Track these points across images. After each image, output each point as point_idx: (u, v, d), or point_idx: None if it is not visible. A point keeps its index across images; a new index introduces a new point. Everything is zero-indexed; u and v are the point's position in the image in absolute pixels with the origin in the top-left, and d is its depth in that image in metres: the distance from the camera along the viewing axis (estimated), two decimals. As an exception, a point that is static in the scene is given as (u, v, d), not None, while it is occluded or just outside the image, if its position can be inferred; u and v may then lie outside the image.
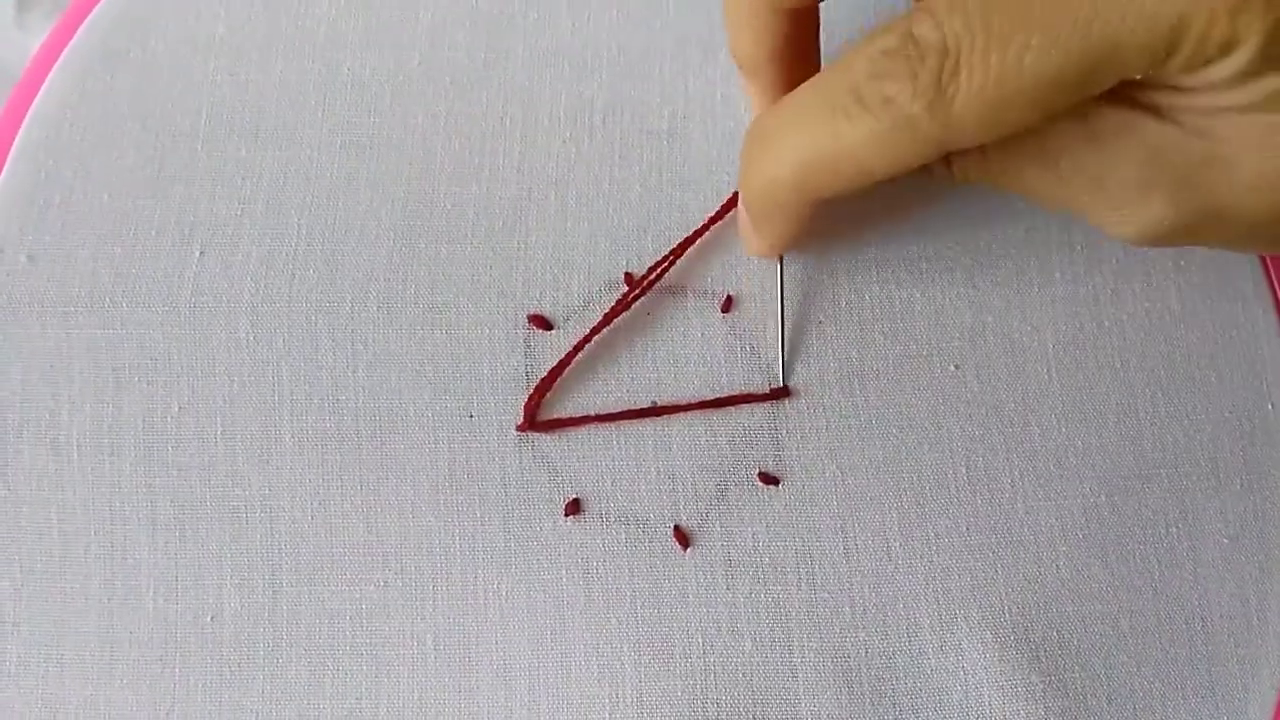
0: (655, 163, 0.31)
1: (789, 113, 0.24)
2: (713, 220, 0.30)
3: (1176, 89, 0.22)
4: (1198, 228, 0.23)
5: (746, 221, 0.28)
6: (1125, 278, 0.30)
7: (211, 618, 0.27)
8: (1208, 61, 0.20)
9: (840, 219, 0.30)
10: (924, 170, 0.25)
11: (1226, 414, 0.29)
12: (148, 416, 0.28)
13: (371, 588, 0.27)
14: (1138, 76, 0.21)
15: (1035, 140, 0.23)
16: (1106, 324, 0.29)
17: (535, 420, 0.28)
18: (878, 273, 0.30)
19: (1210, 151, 0.22)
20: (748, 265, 0.30)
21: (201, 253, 0.29)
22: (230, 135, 0.30)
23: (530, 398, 0.28)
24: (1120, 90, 0.22)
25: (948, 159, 0.24)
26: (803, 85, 0.24)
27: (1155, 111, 0.22)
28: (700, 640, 0.27)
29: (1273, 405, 0.29)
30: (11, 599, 0.27)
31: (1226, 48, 0.20)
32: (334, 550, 0.28)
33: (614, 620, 0.27)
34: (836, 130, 0.22)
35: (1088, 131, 0.23)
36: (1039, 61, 0.20)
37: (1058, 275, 0.30)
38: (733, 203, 0.30)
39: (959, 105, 0.21)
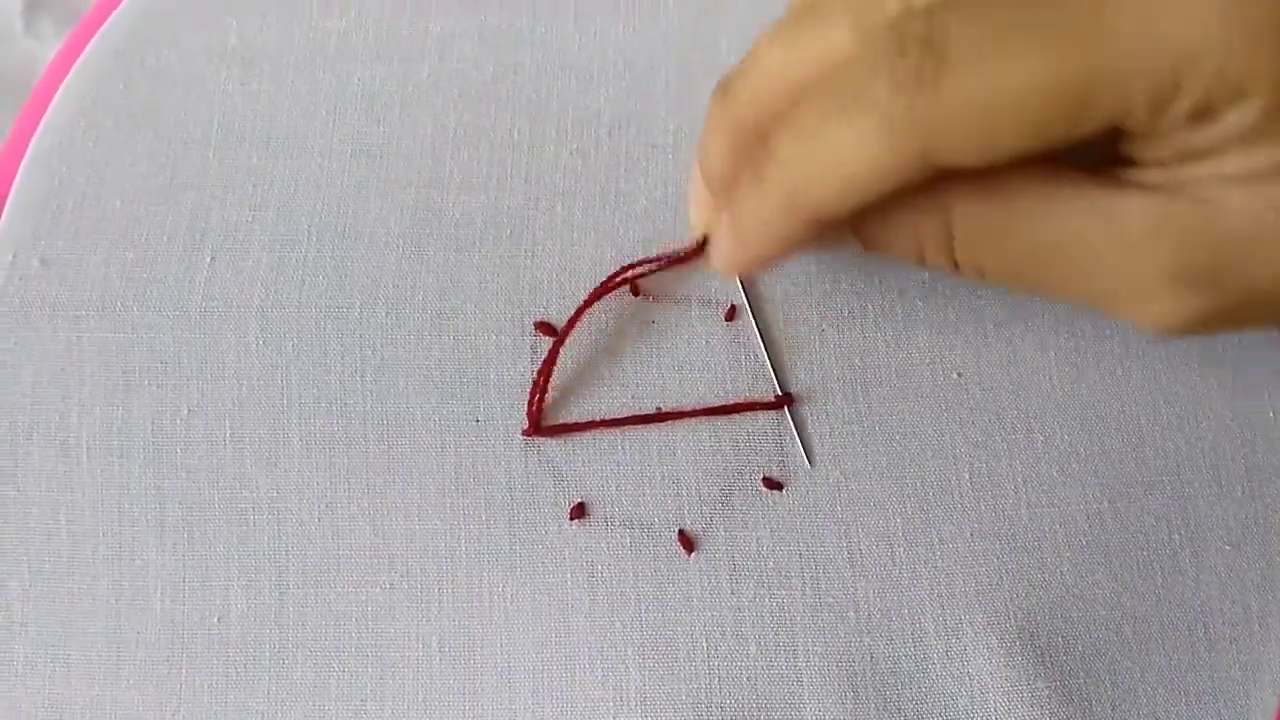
0: (660, 175, 0.31)
1: (786, 128, 0.22)
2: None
3: (1196, 156, 0.20)
4: (1238, 315, 0.21)
5: (726, 238, 0.25)
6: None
7: (218, 619, 0.27)
8: (1215, 110, 0.19)
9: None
10: (918, 261, 0.23)
11: (1228, 421, 0.29)
12: (157, 419, 0.28)
13: (377, 590, 0.27)
14: (1142, 118, 0.20)
15: (1053, 231, 0.21)
16: (1107, 332, 0.30)
17: (540, 425, 0.28)
18: (880, 281, 0.30)
19: (1243, 233, 0.20)
20: (750, 277, 0.30)
21: (212, 258, 0.30)
22: (242, 143, 0.31)
23: (530, 401, 0.28)
24: (1143, 171, 0.21)
25: (949, 247, 0.23)
26: (808, 92, 0.22)
27: (1179, 191, 0.20)
28: (705, 644, 0.27)
29: (1274, 413, 0.29)
30: (20, 599, 0.27)
31: (1236, 94, 0.19)
32: (340, 552, 0.28)
33: (618, 624, 0.27)
34: (824, 135, 0.21)
35: (1109, 220, 0.21)
36: (1035, 71, 0.19)
37: (1058, 284, 0.30)
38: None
39: (943, 107, 0.19)
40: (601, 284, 0.29)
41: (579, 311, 0.29)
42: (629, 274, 0.29)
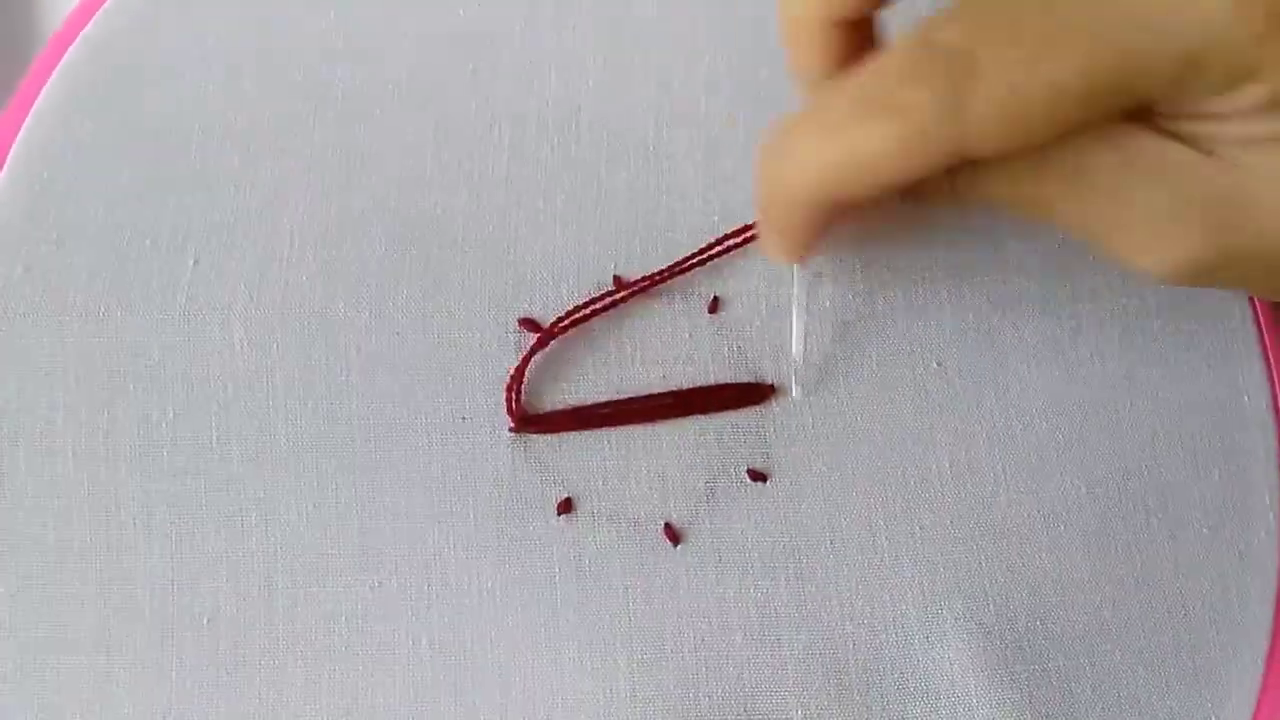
0: (641, 169, 0.31)
1: (808, 119, 0.23)
2: (718, 242, 0.30)
3: (1204, 116, 0.21)
4: (1227, 265, 0.22)
5: (765, 227, 0.26)
6: (1103, 274, 0.30)
7: (208, 620, 0.27)
8: (1230, 88, 0.20)
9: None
10: (946, 196, 0.24)
11: (1203, 406, 0.30)
12: (143, 423, 0.29)
13: (366, 589, 0.28)
14: (1158, 99, 0.21)
15: (1063, 159, 0.22)
16: (1084, 320, 0.30)
17: (524, 418, 0.29)
18: (861, 271, 0.30)
19: (1242, 185, 0.21)
20: (733, 267, 0.30)
21: (195, 261, 0.30)
22: (223, 146, 0.31)
23: (507, 398, 0.28)
24: (1153, 116, 0.22)
25: (974, 172, 0.23)
26: (823, 92, 0.23)
27: (1188, 140, 0.22)
28: (691, 635, 0.28)
29: (1248, 396, 0.30)
30: (7, 605, 0.28)
31: (1248, 75, 0.20)
32: (329, 552, 0.28)
33: (607, 617, 0.28)
34: (853, 136, 0.22)
35: (1121, 156, 0.22)
36: (1057, 73, 0.20)
37: (1036, 272, 0.30)
38: (740, 231, 0.30)
39: (976, 112, 0.20)
40: (632, 283, 0.30)
41: (578, 314, 0.29)
42: (642, 283, 0.30)
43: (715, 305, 0.30)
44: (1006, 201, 0.24)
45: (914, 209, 0.30)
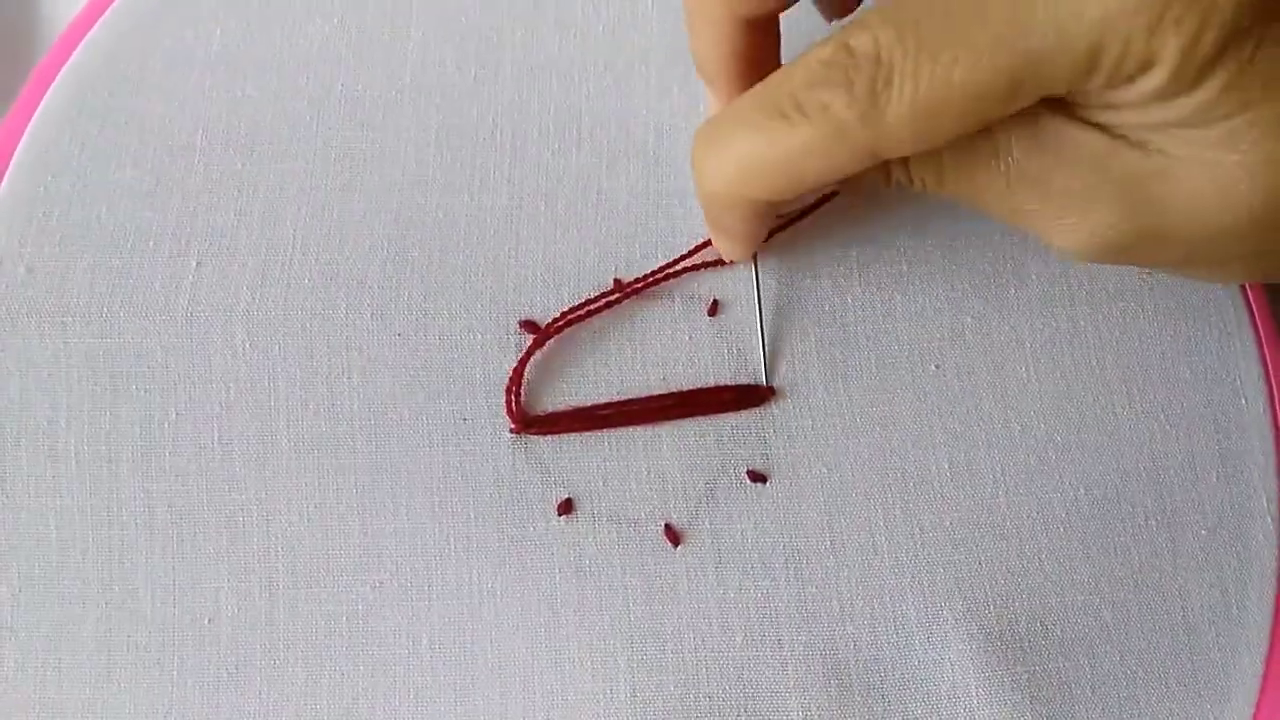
0: (641, 173, 0.31)
1: (730, 118, 0.24)
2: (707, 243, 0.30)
3: (1114, 106, 0.22)
4: (1139, 243, 0.23)
5: (707, 225, 0.28)
6: (1099, 278, 0.31)
7: (209, 620, 0.28)
8: (1128, 79, 0.21)
9: (822, 223, 0.31)
10: (882, 177, 0.25)
11: (1201, 409, 0.30)
12: (145, 424, 0.29)
13: (367, 589, 0.28)
14: (1062, 93, 0.22)
15: (985, 148, 0.23)
16: (1081, 323, 0.30)
17: (525, 419, 0.29)
18: (860, 276, 0.30)
19: (1155, 167, 0.22)
20: (733, 269, 0.30)
21: (198, 263, 0.30)
22: (226, 149, 0.31)
23: (506, 399, 0.29)
24: (1069, 105, 0.23)
25: (905, 161, 0.25)
26: (745, 93, 0.24)
27: (1105, 126, 0.23)
28: (691, 636, 0.28)
29: (1245, 400, 0.30)
30: (10, 604, 0.28)
31: (1144, 67, 0.21)
32: (330, 552, 0.28)
33: (607, 617, 0.28)
34: (773, 136, 0.23)
35: (1039, 143, 0.23)
36: (966, 74, 0.21)
37: (1034, 276, 0.31)
38: None
39: (891, 114, 0.22)
40: (629, 284, 0.30)
41: (579, 312, 0.29)
42: (653, 280, 0.30)
43: (715, 308, 0.30)
44: (937, 189, 0.25)
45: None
